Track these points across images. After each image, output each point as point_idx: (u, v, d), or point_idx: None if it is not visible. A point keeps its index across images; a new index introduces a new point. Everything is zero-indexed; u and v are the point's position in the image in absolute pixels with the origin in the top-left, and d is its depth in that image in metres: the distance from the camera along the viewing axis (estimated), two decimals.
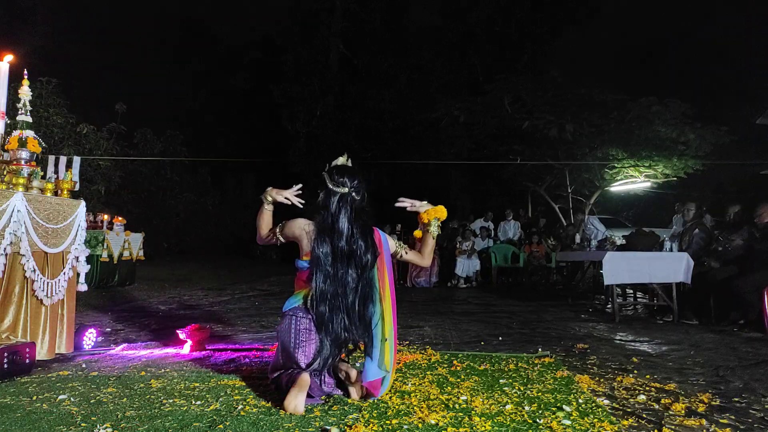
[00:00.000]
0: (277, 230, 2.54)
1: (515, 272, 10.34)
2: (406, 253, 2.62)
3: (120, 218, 8.17)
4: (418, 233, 2.63)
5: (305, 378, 2.23)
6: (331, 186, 2.43)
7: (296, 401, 2.15)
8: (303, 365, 2.32)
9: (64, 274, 3.21)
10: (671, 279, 5.31)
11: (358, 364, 2.69)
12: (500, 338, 4.24)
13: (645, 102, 9.94)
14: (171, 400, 2.33)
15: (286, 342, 2.38)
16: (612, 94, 10.41)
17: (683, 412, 2.29)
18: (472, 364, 3.13)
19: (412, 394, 2.45)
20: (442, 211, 2.55)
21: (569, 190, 11.90)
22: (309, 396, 2.27)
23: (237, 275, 11.10)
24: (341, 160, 2.55)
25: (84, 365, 3.03)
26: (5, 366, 2.64)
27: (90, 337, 3.57)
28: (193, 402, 2.32)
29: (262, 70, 21.29)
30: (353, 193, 2.44)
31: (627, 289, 7.13)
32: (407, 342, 3.91)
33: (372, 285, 2.43)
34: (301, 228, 2.47)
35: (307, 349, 2.36)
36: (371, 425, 2.03)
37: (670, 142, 10.10)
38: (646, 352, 3.69)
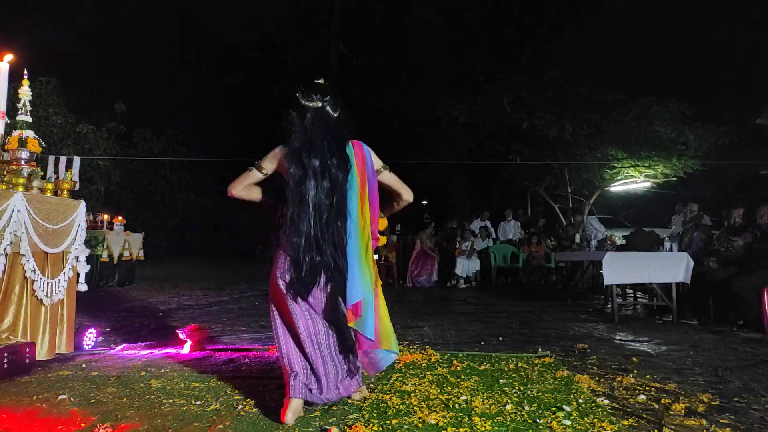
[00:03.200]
0: (258, 163, 2.35)
1: (515, 272, 10.34)
2: (389, 172, 2.50)
3: (120, 218, 8.17)
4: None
5: (298, 403, 2.14)
6: (303, 102, 2.26)
7: (290, 416, 2.10)
8: (297, 369, 2.18)
9: (64, 274, 3.21)
10: (671, 279, 5.31)
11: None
12: (500, 338, 4.24)
13: (644, 102, 9.93)
14: (171, 400, 2.33)
15: (276, 302, 2.25)
16: (612, 94, 10.41)
17: (683, 412, 2.30)
18: (471, 364, 3.13)
19: (412, 394, 2.45)
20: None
21: (569, 190, 11.89)
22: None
23: (237, 275, 11.10)
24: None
25: (84, 365, 3.03)
26: (5, 366, 2.64)
27: (90, 337, 3.57)
28: (193, 402, 2.32)
29: (262, 71, 21.29)
30: (328, 107, 2.28)
31: (626, 289, 7.13)
32: (407, 342, 3.91)
33: (344, 202, 2.24)
34: (276, 155, 2.32)
35: (301, 336, 2.18)
36: (371, 425, 2.03)
37: (670, 142, 10.10)
38: (646, 352, 3.69)
